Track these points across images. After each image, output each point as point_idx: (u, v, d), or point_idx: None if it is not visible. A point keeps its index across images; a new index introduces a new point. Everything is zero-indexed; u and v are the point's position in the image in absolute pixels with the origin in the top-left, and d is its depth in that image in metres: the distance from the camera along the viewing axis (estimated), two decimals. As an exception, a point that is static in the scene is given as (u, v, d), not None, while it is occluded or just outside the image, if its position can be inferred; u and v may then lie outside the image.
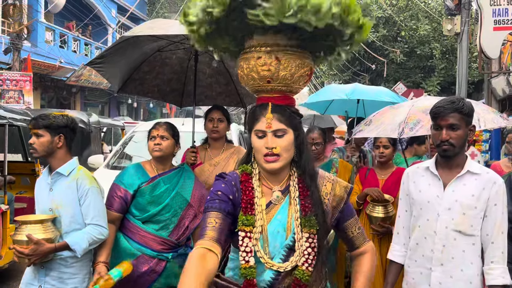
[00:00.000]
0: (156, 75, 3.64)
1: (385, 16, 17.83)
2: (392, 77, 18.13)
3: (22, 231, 2.33)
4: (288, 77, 1.58)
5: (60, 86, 17.59)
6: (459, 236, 1.99)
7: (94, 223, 2.42)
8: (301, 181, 1.65)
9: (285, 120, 1.60)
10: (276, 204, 1.64)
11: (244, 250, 1.58)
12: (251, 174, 1.67)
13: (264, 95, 1.64)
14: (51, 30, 16.67)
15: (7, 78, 12.10)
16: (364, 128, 3.56)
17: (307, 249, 1.59)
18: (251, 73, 1.60)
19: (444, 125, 1.99)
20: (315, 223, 1.59)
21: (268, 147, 1.57)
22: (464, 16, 9.61)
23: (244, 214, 1.60)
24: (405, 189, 2.19)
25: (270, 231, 1.61)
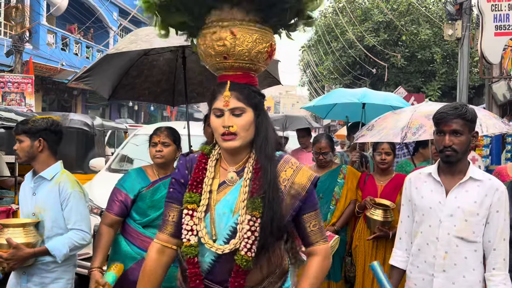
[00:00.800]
0: (145, 78, 3.66)
1: (386, 20, 17.87)
2: (392, 81, 18.14)
3: (3, 234, 2.29)
4: (246, 52, 1.54)
5: (61, 89, 17.61)
6: (461, 242, 1.99)
7: (76, 228, 2.37)
8: (257, 162, 1.58)
9: (244, 98, 1.55)
10: (230, 185, 1.60)
11: (185, 228, 1.57)
12: (208, 154, 1.65)
13: (224, 72, 1.61)
14: (53, 32, 16.71)
15: (8, 81, 12.10)
16: (366, 133, 3.57)
17: (247, 232, 1.51)
18: (208, 50, 1.56)
19: (447, 130, 1.99)
20: (259, 206, 1.51)
21: (225, 125, 1.53)
22: (465, 21, 9.62)
23: (189, 192, 1.59)
24: (407, 195, 2.19)
25: (217, 212, 1.57)
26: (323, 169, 3.67)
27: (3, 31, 14.50)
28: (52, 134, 2.45)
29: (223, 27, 1.52)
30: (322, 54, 22.69)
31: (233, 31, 1.51)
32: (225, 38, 1.52)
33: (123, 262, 2.57)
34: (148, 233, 2.62)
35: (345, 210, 3.58)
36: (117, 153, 5.81)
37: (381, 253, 3.33)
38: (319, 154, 3.61)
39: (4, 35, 14.38)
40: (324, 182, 3.62)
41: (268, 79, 3.68)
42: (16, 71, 12.41)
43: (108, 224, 2.58)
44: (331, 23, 20.27)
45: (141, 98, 3.90)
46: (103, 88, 3.47)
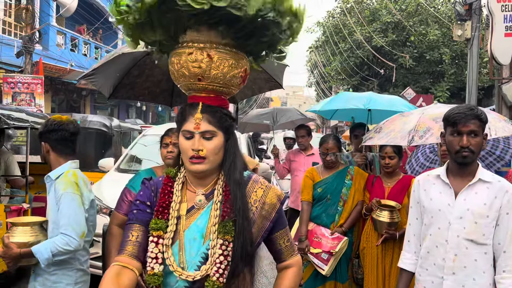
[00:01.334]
0: (146, 78, 3.66)
1: (394, 21, 17.78)
2: (401, 82, 18.05)
3: (14, 232, 2.35)
4: (220, 76, 1.52)
5: (71, 89, 17.75)
6: (471, 245, 1.98)
7: (62, 232, 2.28)
8: (227, 185, 1.55)
9: (215, 122, 1.52)
10: (199, 208, 1.55)
11: (149, 256, 1.49)
12: (174, 177, 1.60)
13: (196, 93, 1.57)
14: (62, 33, 16.85)
15: (19, 81, 12.22)
16: (374, 136, 3.56)
17: (219, 257, 1.48)
18: (181, 69, 1.53)
19: (465, 131, 1.97)
20: (231, 230, 1.48)
21: (195, 149, 1.49)
22: (474, 22, 9.55)
23: (155, 218, 1.52)
24: (416, 197, 2.18)
25: (187, 238, 1.52)
26: (330, 170, 3.66)
27: (13, 32, 14.65)
28: (51, 135, 2.44)
29: (199, 49, 1.49)
30: (330, 54, 22.63)
31: (210, 54, 1.49)
32: (201, 61, 1.49)
33: None
34: None
35: (353, 211, 3.57)
36: (126, 153, 5.84)
37: (389, 255, 3.32)
38: (326, 154, 3.61)
39: (14, 36, 14.51)
40: (331, 183, 3.62)
41: (270, 83, 3.67)
42: (26, 72, 12.52)
43: (118, 225, 2.60)
44: (339, 24, 20.22)
45: (140, 98, 3.92)
46: (105, 86, 3.50)
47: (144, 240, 1.51)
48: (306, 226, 3.58)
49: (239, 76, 1.56)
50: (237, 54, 1.54)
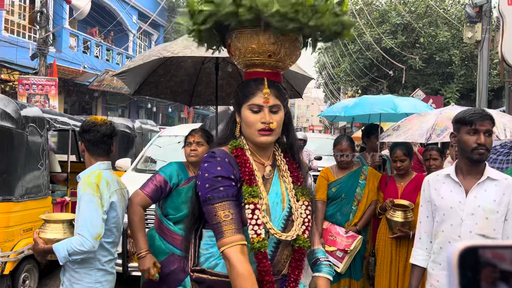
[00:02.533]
0: (171, 77, 3.80)
1: (404, 22, 17.79)
2: (410, 83, 18.05)
3: (46, 229, 2.47)
4: (288, 54, 1.61)
5: (83, 91, 17.99)
6: (483, 239, 2.09)
7: (78, 233, 2.32)
8: (286, 155, 1.73)
9: (280, 96, 1.61)
10: (268, 178, 1.66)
11: (256, 223, 1.52)
12: (243, 148, 1.64)
13: (258, 69, 1.63)
14: (75, 36, 17.10)
15: (33, 83, 12.47)
16: (392, 133, 3.67)
17: (307, 217, 1.64)
18: (251, 45, 1.57)
19: (482, 130, 2.09)
20: (311, 191, 1.69)
21: (265, 122, 1.56)
22: (485, 24, 9.59)
23: (250, 186, 1.55)
24: (426, 196, 2.30)
25: (270, 203, 1.61)
26: (344, 170, 3.76)
27: (27, 35, 14.91)
28: (85, 135, 2.52)
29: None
30: (339, 56, 22.67)
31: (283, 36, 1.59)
32: (277, 41, 1.58)
33: (156, 255, 2.70)
34: (179, 231, 2.73)
35: (366, 210, 3.68)
36: (142, 154, 5.99)
37: (404, 253, 3.41)
38: (340, 155, 3.71)
39: (29, 38, 14.77)
40: (346, 183, 3.72)
41: (290, 92, 3.77)
42: (40, 74, 12.76)
43: (139, 203, 2.62)
44: (348, 25, 20.20)
45: (161, 96, 4.05)
46: (132, 83, 3.64)
47: (238, 214, 1.51)
48: (321, 224, 3.69)
49: (298, 53, 1.68)
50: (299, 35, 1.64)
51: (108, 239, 2.45)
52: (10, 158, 4.03)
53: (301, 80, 3.63)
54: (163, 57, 2.98)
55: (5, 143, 3.99)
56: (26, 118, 4.26)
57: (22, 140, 4.14)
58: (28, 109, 4.46)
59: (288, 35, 1.60)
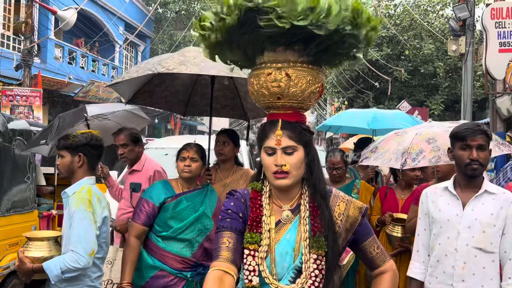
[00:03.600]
0: (166, 87, 3.76)
1: (389, 35, 18.07)
2: (396, 95, 18.28)
3: (29, 247, 2.38)
4: (299, 93, 1.56)
5: (68, 102, 17.78)
6: (480, 253, 2.08)
7: (72, 249, 2.26)
8: (313, 200, 1.60)
9: (295, 137, 1.57)
10: (286, 223, 1.60)
11: (247, 268, 1.53)
12: (261, 191, 1.63)
13: (274, 111, 1.62)
14: (60, 46, 16.94)
15: (17, 94, 12.27)
16: (370, 155, 3.58)
17: (314, 271, 1.54)
18: (261, 90, 1.58)
19: (474, 145, 2.10)
20: (324, 244, 1.54)
21: (278, 164, 1.54)
22: (468, 37, 9.77)
23: (249, 232, 1.56)
24: (424, 209, 2.29)
25: (278, 251, 1.56)
26: (337, 184, 3.74)
27: (12, 45, 14.72)
28: (92, 149, 2.45)
29: (278, 69, 1.55)
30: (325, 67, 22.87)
31: (288, 73, 1.54)
32: (280, 80, 1.54)
33: (145, 272, 2.65)
34: (168, 248, 2.68)
35: None
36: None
37: (404, 267, 3.37)
38: (333, 169, 3.69)
39: (13, 49, 14.58)
40: None
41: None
42: (24, 85, 12.57)
43: (136, 235, 2.65)
44: (334, 38, 20.44)
45: (156, 105, 4.04)
46: (126, 93, 3.59)
47: (237, 246, 1.54)
48: None
49: (317, 91, 1.61)
50: (313, 69, 1.59)
51: (98, 255, 2.41)
52: None
53: None
54: (158, 72, 2.95)
55: None
56: (13, 131, 4.22)
57: (9, 153, 4.09)
58: (15, 122, 4.43)
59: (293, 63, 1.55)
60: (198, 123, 30.37)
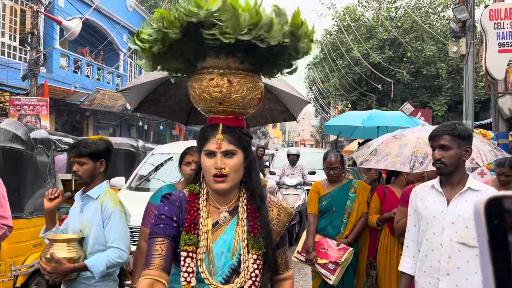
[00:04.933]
0: (170, 96, 3.85)
1: (391, 37, 18.16)
2: (399, 97, 18.33)
3: (50, 249, 2.46)
4: (240, 99, 1.60)
5: (74, 110, 18.01)
6: (463, 247, 2.18)
7: (115, 246, 2.47)
8: (250, 202, 1.64)
9: (235, 141, 1.60)
10: (223, 224, 1.63)
11: (186, 270, 1.55)
12: (198, 194, 1.65)
13: (216, 115, 1.65)
14: (65, 56, 17.18)
15: (24, 103, 12.48)
16: (370, 158, 3.62)
17: (254, 271, 1.58)
18: (203, 94, 1.61)
19: (436, 145, 2.23)
20: (263, 245, 1.59)
21: (218, 167, 1.56)
22: (469, 38, 9.83)
23: (187, 234, 1.58)
24: (413, 206, 2.40)
25: (214, 251, 1.60)
26: (335, 184, 3.84)
27: (18, 56, 14.97)
28: (109, 155, 2.62)
29: (220, 75, 1.59)
30: (328, 71, 22.97)
31: (230, 79, 1.59)
32: (222, 86, 1.59)
33: None
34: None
35: (357, 223, 3.75)
36: (136, 172, 6.02)
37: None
38: (330, 169, 3.79)
39: (19, 59, 14.82)
40: (336, 196, 3.80)
41: (285, 115, 3.81)
42: (31, 94, 12.78)
43: (146, 240, 2.74)
44: (336, 41, 20.60)
45: (160, 114, 4.14)
46: (132, 100, 3.71)
47: (170, 253, 1.56)
48: (313, 237, 3.76)
49: (257, 98, 1.67)
50: (254, 77, 1.64)
51: None
52: (21, 177, 4.29)
53: (297, 103, 3.70)
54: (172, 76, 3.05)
55: (16, 164, 4.25)
56: (35, 140, 4.54)
57: (31, 160, 4.42)
58: (36, 131, 4.76)
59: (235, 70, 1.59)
60: (203, 129, 30.48)
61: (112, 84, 20.65)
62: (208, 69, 1.61)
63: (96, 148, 2.56)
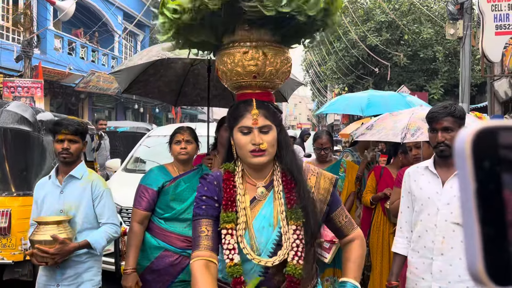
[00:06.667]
0: (160, 77, 3.84)
1: (388, 20, 18.01)
2: (395, 80, 18.28)
3: (42, 231, 2.43)
4: (274, 72, 1.59)
5: (69, 92, 17.87)
6: (458, 228, 2.20)
7: (110, 222, 2.60)
8: (284, 175, 1.64)
9: (270, 116, 1.60)
10: (261, 200, 1.64)
11: (227, 248, 1.56)
12: (233, 171, 1.66)
13: (247, 91, 1.64)
14: (59, 37, 16.97)
15: (18, 85, 12.36)
16: (366, 132, 3.78)
17: (295, 241, 1.56)
18: (236, 68, 1.59)
19: (439, 128, 2.21)
20: (301, 215, 1.58)
21: (255, 143, 1.56)
22: (466, 21, 9.78)
23: (225, 212, 1.59)
24: (407, 187, 2.41)
25: (255, 227, 1.60)
26: (324, 164, 3.88)
27: (11, 37, 14.77)
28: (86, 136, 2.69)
29: (255, 47, 1.57)
30: (325, 54, 22.84)
31: (265, 51, 1.58)
32: (258, 58, 1.57)
33: (150, 252, 2.76)
34: (170, 228, 2.78)
35: (346, 201, 3.81)
36: (132, 154, 6.01)
37: None
38: (321, 149, 3.82)
39: (13, 40, 14.63)
40: None
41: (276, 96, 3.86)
42: (25, 76, 12.66)
43: (139, 221, 2.73)
44: (333, 24, 20.37)
45: (149, 95, 4.16)
46: (123, 82, 3.69)
47: (216, 233, 1.59)
48: None
49: (288, 71, 1.65)
50: (285, 49, 1.63)
51: None
52: (29, 157, 4.52)
53: (289, 85, 3.70)
54: (167, 58, 3.03)
55: (24, 145, 4.51)
56: (41, 122, 4.72)
57: (38, 141, 4.63)
58: (42, 114, 4.99)
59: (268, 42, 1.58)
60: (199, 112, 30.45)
61: (107, 66, 20.47)
62: (240, 43, 1.59)
63: (84, 128, 2.61)
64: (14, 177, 4.33)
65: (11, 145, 4.42)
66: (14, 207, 4.11)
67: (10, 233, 4.05)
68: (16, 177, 4.34)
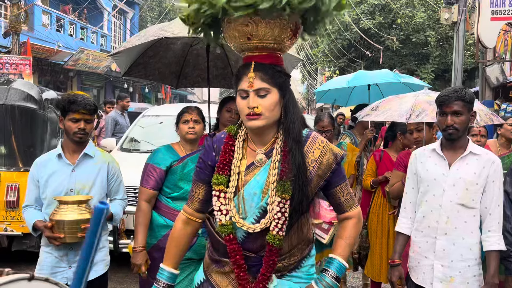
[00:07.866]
0: (159, 59, 3.80)
1: (382, 3, 17.93)
2: (387, 64, 18.28)
3: (62, 211, 2.35)
4: (268, 32, 1.53)
5: (57, 70, 17.57)
6: (462, 208, 2.25)
7: (124, 198, 2.76)
8: (286, 144, 1.60)
9: (268, 78, 1.55)
10: (258, 166, 1.63)
11: (216, 209, 1.65)
12: (235, 135, 1.66)
13: (248, 53, 1.60)
14: (47, 13, 16.58)
15: (6, 62, 12.09)
16: (370, 113, 3.81)
17: (277, 213, 1.57)
18: (232, 31, 1.57)
19: (449, 111, 2.24)
20: (289, 189, 1.55)
21: (250, 106, 1.54)
22: (461, 5, 9.78)
23: (216, 173, 1.63)
24: (413, 169, 2.45)
25: (246, 192, 1.62)
26: None
27: (-2, 12, 14.41)
28: None
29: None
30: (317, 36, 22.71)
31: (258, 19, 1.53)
32: (249, 20, 1.52)
33: (157, 231, 2.76)
34: (179, 207, 2.73)
35: None
36: (127, 134, 5.97)
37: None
38: (322, 132, 3.82)
39: (0, 16, 14.26)
40: None
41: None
42: (13, 53, 12.38)
43: (146, 200, 2.72)
44: (326, 6, 20.20)
45: (150, 77, 4.08)
46: (123, 64, 3.63)
47: (204, 196, 1.72)
48: None
49: (288, 30, 1.56)
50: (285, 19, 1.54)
51: None
52: (35, 134, 4.66)
53: (289, 62, 3.68)
54: (164, 37, 2.97)
55: (30, 122, 4.63)
56: (46, 100, 4.87)
57: (43, 118, 4.76)
58: (46, 92, 5.11)
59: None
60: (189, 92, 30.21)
61: (96, 44, 20.11)
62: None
63: (95, 106, 2.55)
64: (21, 153, 4.50)
65: (18, 122, 4.54)
66: (22, 182, 4.21)
67: (19, 206, 4.19)
68: (23, 153, 4.50)
